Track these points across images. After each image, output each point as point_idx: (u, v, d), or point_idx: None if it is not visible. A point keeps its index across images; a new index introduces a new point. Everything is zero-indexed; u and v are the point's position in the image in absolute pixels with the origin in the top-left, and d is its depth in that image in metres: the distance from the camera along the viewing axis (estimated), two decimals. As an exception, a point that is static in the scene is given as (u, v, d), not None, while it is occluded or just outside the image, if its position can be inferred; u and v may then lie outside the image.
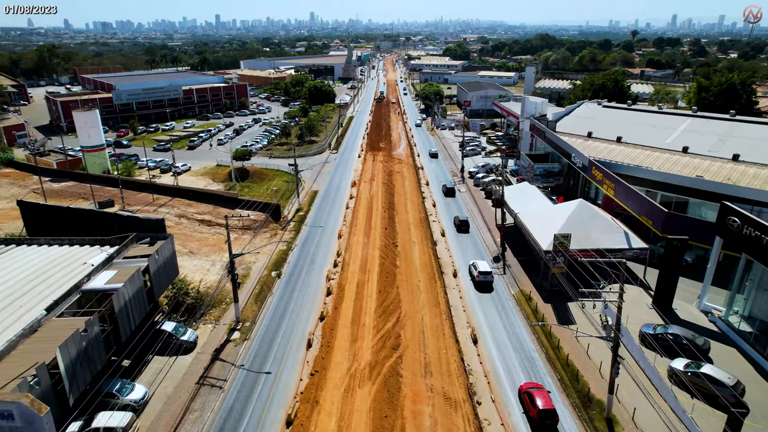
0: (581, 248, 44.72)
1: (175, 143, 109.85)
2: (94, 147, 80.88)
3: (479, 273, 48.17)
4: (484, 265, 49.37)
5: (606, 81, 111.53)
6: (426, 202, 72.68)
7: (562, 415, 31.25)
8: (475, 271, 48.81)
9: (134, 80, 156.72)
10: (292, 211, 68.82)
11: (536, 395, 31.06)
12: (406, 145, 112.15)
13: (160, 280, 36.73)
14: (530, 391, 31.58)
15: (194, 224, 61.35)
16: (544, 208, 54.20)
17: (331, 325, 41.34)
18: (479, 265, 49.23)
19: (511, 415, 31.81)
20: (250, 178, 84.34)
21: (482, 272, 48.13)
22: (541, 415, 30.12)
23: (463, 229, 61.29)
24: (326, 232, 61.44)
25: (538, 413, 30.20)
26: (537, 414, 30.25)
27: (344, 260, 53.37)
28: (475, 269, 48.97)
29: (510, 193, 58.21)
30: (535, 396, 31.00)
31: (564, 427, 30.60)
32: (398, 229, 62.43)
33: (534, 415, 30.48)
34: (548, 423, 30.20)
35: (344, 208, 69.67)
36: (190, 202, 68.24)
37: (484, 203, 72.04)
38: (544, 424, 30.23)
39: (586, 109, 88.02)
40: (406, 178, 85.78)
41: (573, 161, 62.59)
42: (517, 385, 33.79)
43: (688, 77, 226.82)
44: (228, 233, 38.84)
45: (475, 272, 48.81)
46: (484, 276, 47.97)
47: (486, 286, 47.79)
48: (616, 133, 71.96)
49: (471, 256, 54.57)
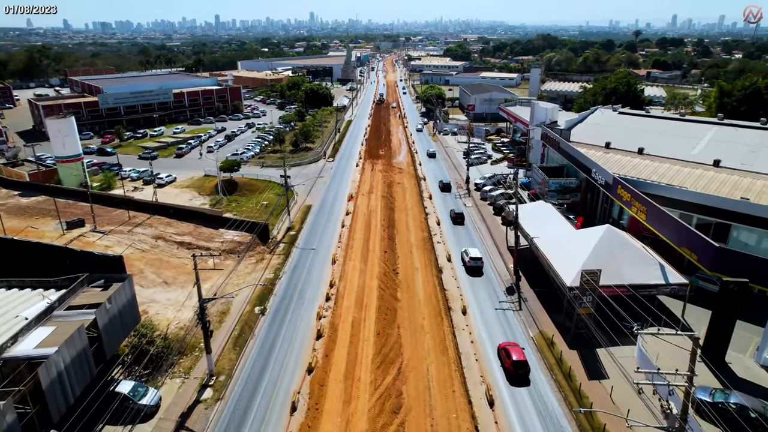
0: (611, 284, 38.57)
1: (162, 151, 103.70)
2: (70, 157, 74.63)
3: (470, 259, 51.58)
4: (475, 251, 52.78)
5: (618, 84, 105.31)
6: (429, 219, 66.46)
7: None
8: (467, 257, 52.22)
9: (124, 82, 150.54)
10: (282, 229, 62.62)
11: (511, 350, 36.27)
12: (407, 152, 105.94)
13: (114, 333, 30.55)
14: (507, 348, 36.81)
15: (172, 247, 55.14)
16: (565, 233, 47.95)
17: (321, 379, 35.13)
18: (471, 251, 52.69)
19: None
20: (239, 191, 78.13)
21: (473, 258, 51.65)
22: (515, 365, 35.26)
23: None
24: (319, 255, 55.23)
25: (512, 364, 35.33)
26: (511, 365, 35.35)
27: (338, 292, 47.16)
28: (467, 255, 52.41)
29: (524, 213, 52.05)
30: (511, 351, 36.22)
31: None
32: (399, 252, 56.25)
33: (509, 366, 35.54)
34: (521, 372, 35.31)
35: (339, 227, 63.46)
36: (170, 220, 62.00)
37: (493, 220, 65.85)
38: (518, 374, 35.25)
39: (600, 115, 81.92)
40: (407, 191, 79.57)
41: (594, 177, 56.35)
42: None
43: (696, 79, 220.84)
44: (197, 275, 32.64)
45: (466, 258, 52.23)
46: (475, 261, 51.36)
47: (477, 270, 51.16)
48: (636, 143, 65.89)
49: (481, 288, 48.38)
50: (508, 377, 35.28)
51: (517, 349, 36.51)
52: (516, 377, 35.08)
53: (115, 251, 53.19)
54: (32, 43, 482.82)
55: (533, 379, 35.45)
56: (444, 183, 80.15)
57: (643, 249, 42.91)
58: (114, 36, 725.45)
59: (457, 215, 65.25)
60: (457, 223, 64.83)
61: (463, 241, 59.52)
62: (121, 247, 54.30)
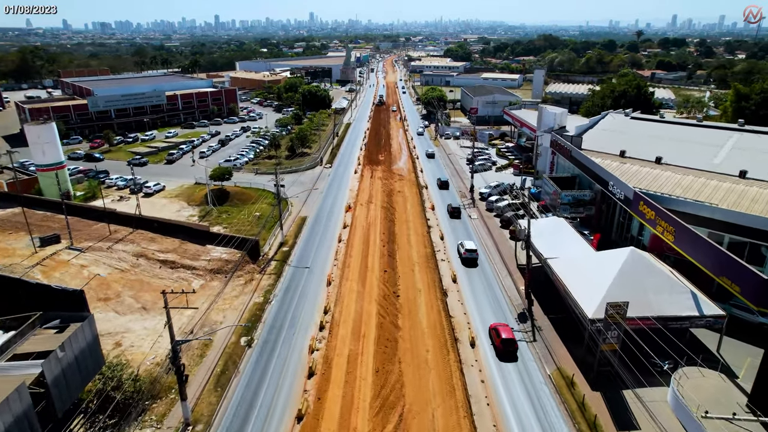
0: (637, 316, 34.34)
1: (153, 156, 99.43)
2: (51, 165, 70.35)
3: (466, 251, 54.19)
4: (470, 244, 55.13)
5: (627, 87, 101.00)
6: (432, 232, 62.18)
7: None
8: (462, 249, 54.63)
9: (117, 84, 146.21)
10: (275, 245, 58.34)
11: (501, 329, 39.01)
12: (408, 157, 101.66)
13: (69, 384, 26.27)
14: (497, 327, 39.52)
15: (154, 266, 50.83)
16: (582, 254, 43.65)
17: (312, 429, 30.81)
18: (466, 244, 54.96)
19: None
20: (230, 201, 73.85)
21: (469, 250, 54.28)
22: (504, 343, 38.03)
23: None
24: (313, 275, 50.94)
25: (501, 342, 38.10)
26: (501, 342, 38.12)
27: (333, 319, 42.88)
28: (462, 248, 54.74)
29: (536, 229, 47.73)
30: (500, 330, 38.97)
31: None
32: (400, 271, 51.96)
33: (498, 344, 38.32)
34: (510, 350, 38.07)
35: (336, 241, 59.18)
36: (154, 235, 57.68)
37: (500, 234, 61.58)
38: (507, 351, 37.97)
39: (612, 121, 77.70)
40: (408, 200, 75.29)
41: (611, 190, 52.04)
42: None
43: (703, 80, 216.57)
44: (168, 315, 28.36)
45: (462, 250, 54.68)
46: (470, 253, 54.03)
47: (471, 262, 53.80)
48: (652, 151, 61.73)
49: (491, 314, 44.12)
50: (498, 355, 38.42)
51: (507, 328, 39.50)
52: (504, 354, 38.27)
53: (92, 271, 48.99)
54: (31, 43, 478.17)
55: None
56: (442, 181, 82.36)
57: (671, 274, 38.64)
58: (113, 36, 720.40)
59: (455, 209, 67.84)
60: (454, 217, 66.94)
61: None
62: (98, 266, 50.05)
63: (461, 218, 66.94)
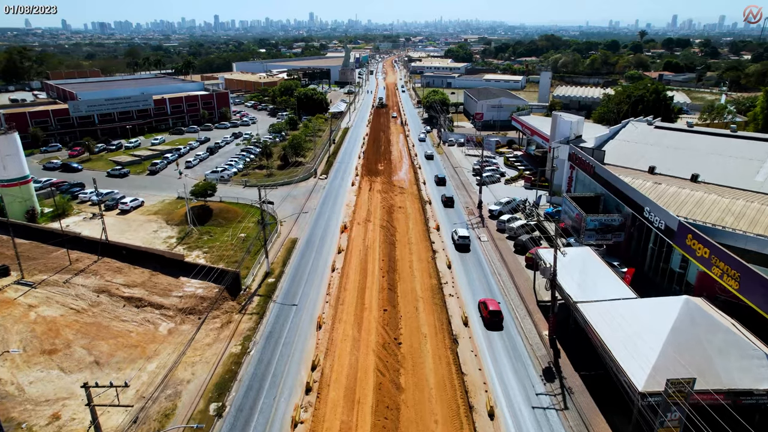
0: (702, 389, 27.36)
1: (136, 166, 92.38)
2: (14, 181, 63.39)
3: (459, 237, 57.66)
4: (463, 231, 58.82)
5: (645, 92, 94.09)
6: (438, 258, 55.17)
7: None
8: (456, 236, 58.20)
9: (102, 87, 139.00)
10: (260, 273, 51.34)
11: (488, 303, 42.87)
12: (409, 167, 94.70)
13: None
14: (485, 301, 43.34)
15: (117, 305, 43.78)
16: (622, 301, 36.53)
17: None
18: (460, 231, 58.71)
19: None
20: (214, 219, 66.85)
21: (461, 236, 57.69)
22: (491, 314, 41.88)
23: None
24: (302, 315, 43.89)
25: (489, 313, 41.98)
26: (488, 313, 42.02)
27: (323, 377, 35.84)
28: (456, 234, 58.39)
29: (561, 263, 40.69)
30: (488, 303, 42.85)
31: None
32: (402, 308, 44.93)
33: (486, 315, 42.21)
34: (495, 320, 41.84)
35: (329, 270, 52.15)
36: (122, 265, 50.61)
37: (514, 260, 54.56)
38: (492, 321, 41.77)
39: (633, 130, 70.69)
40: (410, 217, 68.28)
41: (647, 217, 44.89)
42: None
43: (714, 82, 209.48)
44: (93, 414, 21.35)
45: (456, 237, 58.19)
46: (463, 240, 57.36)
47: (464, 247, 57.08)
48: (685, 167, 54.92)
49: (509, 369, 37.06)
50: (485, 325, 42.17)
51: (494, 302, 43.33)
52: (491, 324, 41.91)
53: (41, 313, 41.91)
54: (29, 44, 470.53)
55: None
56: (439, 177, 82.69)
57: (736, 330, 31.60)
58: (112, 36, 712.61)
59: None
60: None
61: (478, 290, 48.34)
62: (50, 306, 42.99)
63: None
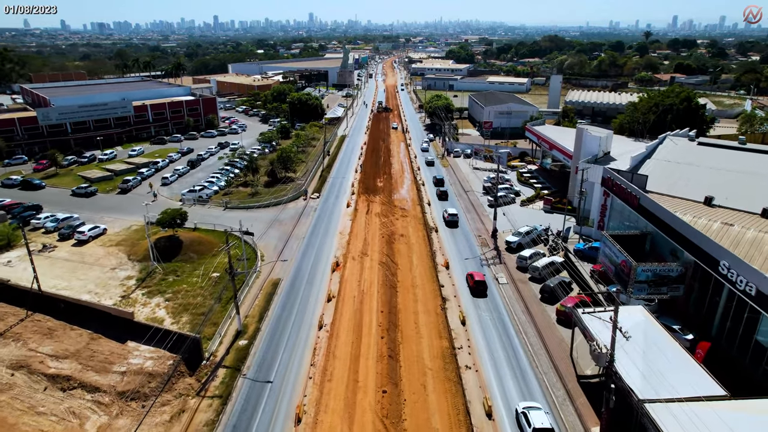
0: None
1: (107, 183, 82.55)
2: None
3: (449, 215, 64.98)
4: (453, 209, 66.30)
5: (675, 100, 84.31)
6: (449, 309, 45.31)
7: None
8: (446, 214, 65.42)
9: (83, 91, 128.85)
10: (230, 333, 41.47)
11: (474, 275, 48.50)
12: (412, 182, 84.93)
13: None
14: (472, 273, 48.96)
15: (37, 387, 33.86)
16: (714, 408, 26.58)
17: None
18: (450, 209, 66.10)
19: None
20: (184, 252, 56.98)
21: (451, 214, 65.11)
22: (476, 284, 47.37)
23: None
24: (276, 399, 34.00)
25: (474, 283, 47.54)
26: (474, 283, 47.61)
27: None
28: (446, 212, 65.62)
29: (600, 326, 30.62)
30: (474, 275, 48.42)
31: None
32: (406, 389, 35.05)
33: (472, 284, 47.75)
34: (480, 288, 47.26)
35: (315, 329, 42.29)
36: (56, 324, 40.64)
37: (542, 311, 44.67)
38: (478, 290, 47.14)
39: (673, 147, 61.09)
40: (414, 250, 58.40)
41: (725, 274, 34.75)
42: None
43: (730, 85, 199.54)
44: None
45: (445, 215, 65.28)
46: (452, 216, 64.61)
47: (453, 224, 63.99)
48: (750, 196, 45.25)
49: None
50: (472, 293, 47.40)
51: (479, 274, 48.91)
52: (477, 292, 47.19)
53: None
54: (27, 44, 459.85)
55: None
56: (437, 179, 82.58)
57: None
58: (110, 37, 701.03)
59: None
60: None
61: (501, 358, 38.52)
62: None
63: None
